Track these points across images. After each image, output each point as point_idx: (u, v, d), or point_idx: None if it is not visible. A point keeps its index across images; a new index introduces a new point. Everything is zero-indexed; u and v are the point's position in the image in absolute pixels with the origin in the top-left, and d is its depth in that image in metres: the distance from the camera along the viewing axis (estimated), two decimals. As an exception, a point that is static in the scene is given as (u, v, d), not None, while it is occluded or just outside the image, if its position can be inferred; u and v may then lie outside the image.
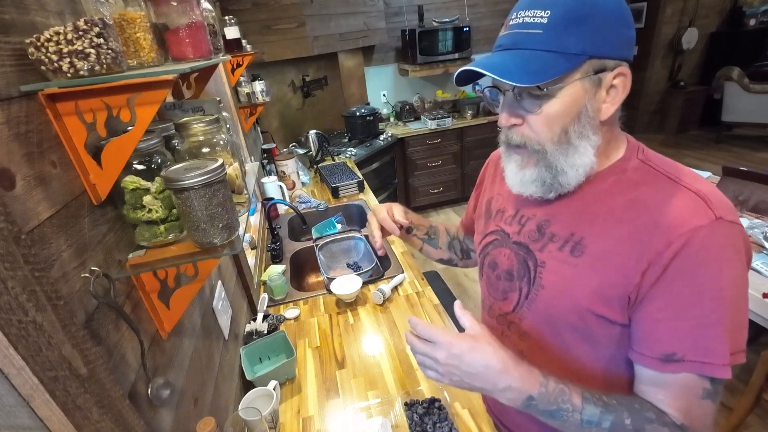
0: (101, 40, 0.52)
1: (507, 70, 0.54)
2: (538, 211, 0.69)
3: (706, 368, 0.53)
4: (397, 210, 0.92)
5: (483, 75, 0.56)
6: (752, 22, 4.97)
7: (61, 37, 0.50)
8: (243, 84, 2.14)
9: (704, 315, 0.52)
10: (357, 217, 2.36)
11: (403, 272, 1.65)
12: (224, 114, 0.91)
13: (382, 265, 1.71)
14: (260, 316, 1.39)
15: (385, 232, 0.92)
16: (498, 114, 0.62)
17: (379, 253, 0.90)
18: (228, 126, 0.88)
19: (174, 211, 0.65)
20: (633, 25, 0.57)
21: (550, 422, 0.57)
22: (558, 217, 0.66)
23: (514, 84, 0.54)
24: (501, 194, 0.79)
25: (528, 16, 0.55)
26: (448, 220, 3.99)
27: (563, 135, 0.58)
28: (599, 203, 0.61)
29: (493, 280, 0.77)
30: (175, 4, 0.66)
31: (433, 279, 3.01)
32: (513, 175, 0.65)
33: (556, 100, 0.56)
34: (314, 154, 3.00)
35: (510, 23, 0.58)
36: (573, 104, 0.56)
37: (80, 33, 0.51)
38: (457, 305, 0.62)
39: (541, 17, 0.53)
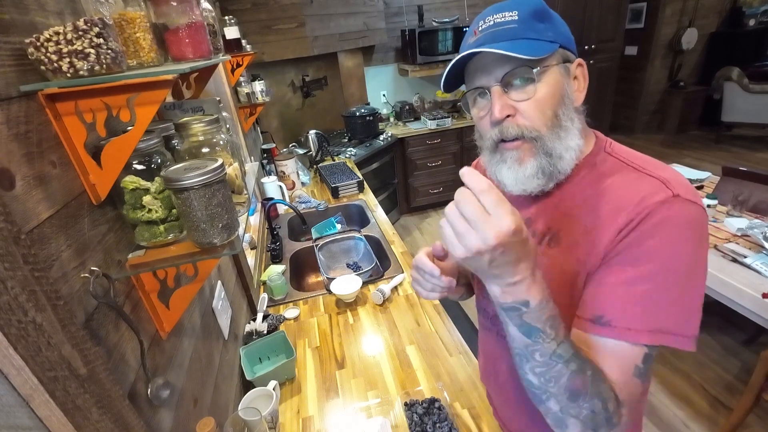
0: (101, 40, 0.52)
1: (505, 49, 0.56)
2: (521, 212, 0.69)
3: (630, 335, 0.53)
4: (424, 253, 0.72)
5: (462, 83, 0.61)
6: (752, 22, 4.96)
7: (61, 37, 0.50)
8: (243, 84, 2.14)
9: (640, 281, 0.53)
10: (357, 217, 2.36)
11: (402, 272, 1.66)
12: (224, 114, 0.91)
13: (381, 265, 1.71)
14: (260, 316, 1.39)
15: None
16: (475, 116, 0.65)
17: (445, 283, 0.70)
18: (228, 126, 0.88)
19: (174, 211, 0.65)
20: None
21: (520, 339, 0.54)
22: (539, 215, 0.68)
23: (522, 56, 0.55)
24: None
25: (498, 18, 0.59)
26: (448, 220, 3.98)
27: (555, 118, 0.60)
28: (573, 197, 0.64)
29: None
30: (175, 4, 0.66)
31: (432, 279, 3.00)
32: (511, 174, 0.64)
33: (542, 84, 0.59)
34: (314, 154, 3.00)
35: (480, 28, 0.61)
36: (557, 87, 0.60)
37: (80, 33, 0.51)
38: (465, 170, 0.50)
39: (511, 16, 0.58)
